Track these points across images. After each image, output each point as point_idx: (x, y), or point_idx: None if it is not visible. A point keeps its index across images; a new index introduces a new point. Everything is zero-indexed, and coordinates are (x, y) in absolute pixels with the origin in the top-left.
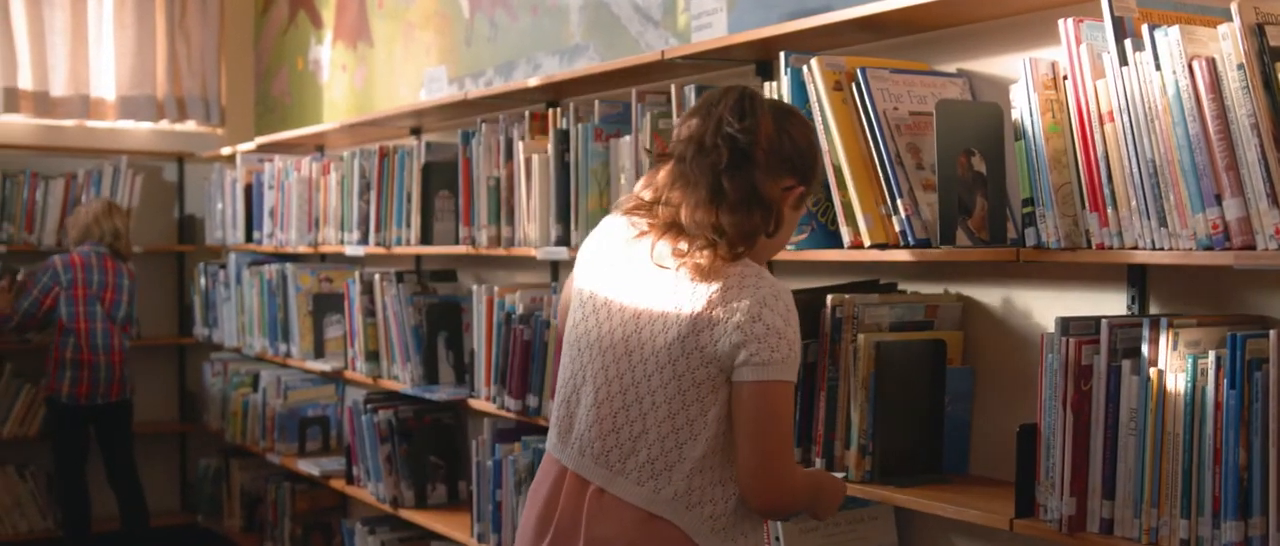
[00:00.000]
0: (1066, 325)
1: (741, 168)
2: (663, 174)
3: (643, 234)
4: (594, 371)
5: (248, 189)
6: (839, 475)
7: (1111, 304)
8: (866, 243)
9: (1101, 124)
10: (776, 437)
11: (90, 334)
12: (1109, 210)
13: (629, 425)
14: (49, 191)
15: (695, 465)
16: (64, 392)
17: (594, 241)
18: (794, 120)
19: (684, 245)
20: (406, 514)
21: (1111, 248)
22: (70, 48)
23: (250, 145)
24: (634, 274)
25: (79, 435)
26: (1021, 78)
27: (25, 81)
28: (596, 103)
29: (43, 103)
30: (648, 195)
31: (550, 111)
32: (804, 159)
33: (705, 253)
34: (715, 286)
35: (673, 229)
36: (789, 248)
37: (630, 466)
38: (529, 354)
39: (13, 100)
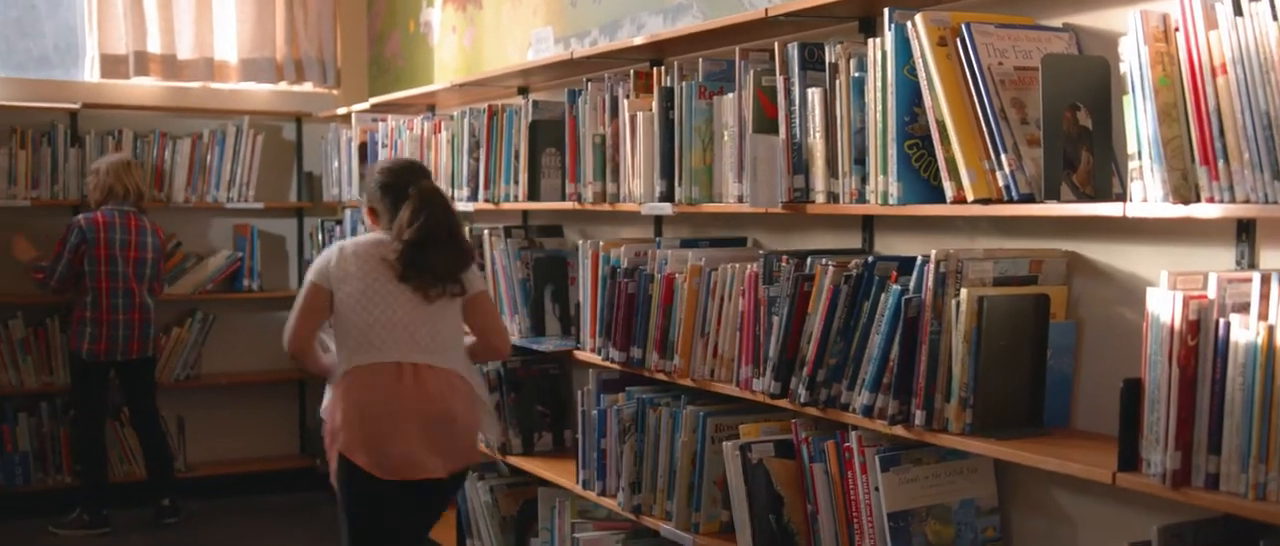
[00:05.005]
0: (1174, 280)
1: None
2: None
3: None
4: (402, 313)
5: (362, 147)
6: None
7: (1220, 258)
8: (970, 198)
9: (1214, 76)
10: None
11: (111, 293)
12: (1220, 164)
13: (434, 334)
14: (176, 151)
15: (459, 346)
16: (84, 350)
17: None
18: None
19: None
20: (514, 460)
21: (1222, 201)
22: (195, 13)
23: (364, 105)
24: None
25: (99, 390)
26: (1131, 30)
27: (154, 45)
28: (700, 61)
29: (170, 66)
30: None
31: (654, 70)
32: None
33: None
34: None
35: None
36: (891, 202)
37: (437, 351)
38: (633, 307)
39: (143, 63)
